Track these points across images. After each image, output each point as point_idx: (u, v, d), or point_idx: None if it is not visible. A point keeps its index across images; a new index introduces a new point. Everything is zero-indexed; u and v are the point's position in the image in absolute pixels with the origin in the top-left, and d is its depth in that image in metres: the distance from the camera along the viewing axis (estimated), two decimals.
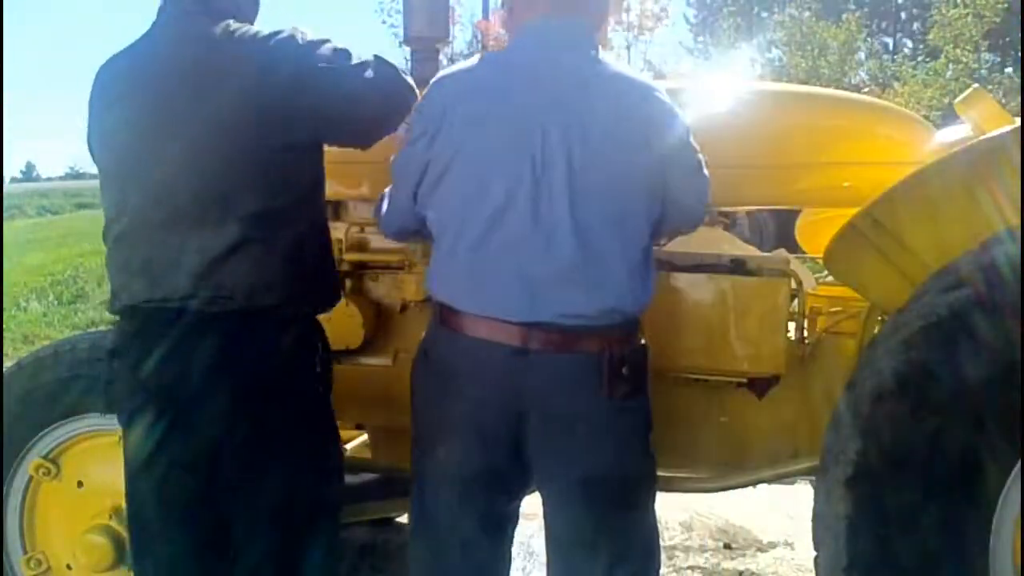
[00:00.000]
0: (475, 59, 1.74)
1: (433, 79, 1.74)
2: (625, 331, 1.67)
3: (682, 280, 2.27)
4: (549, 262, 1.60)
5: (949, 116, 3.89)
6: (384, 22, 23.44)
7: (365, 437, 2.77)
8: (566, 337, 1.62)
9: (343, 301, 2.45)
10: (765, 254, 2.50)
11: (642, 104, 1.67)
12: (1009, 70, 19.69)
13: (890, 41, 28.55)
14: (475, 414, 1.67)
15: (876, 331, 2.11)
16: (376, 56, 1.85)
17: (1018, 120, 1.89)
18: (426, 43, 2.30)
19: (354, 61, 1.78)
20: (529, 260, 1.60)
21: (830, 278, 2.54)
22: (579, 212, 1.59)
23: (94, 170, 1.92)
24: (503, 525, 1.82)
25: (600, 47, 1.72)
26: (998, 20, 17.32)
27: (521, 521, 1.87)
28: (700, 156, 1.75)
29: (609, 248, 1.62)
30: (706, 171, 1.76)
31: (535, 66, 1.66)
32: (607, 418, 1.65)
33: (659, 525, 1.85)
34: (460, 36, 22.34)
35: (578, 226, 1.59)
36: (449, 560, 1.76)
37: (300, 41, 1.73)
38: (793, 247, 3.02)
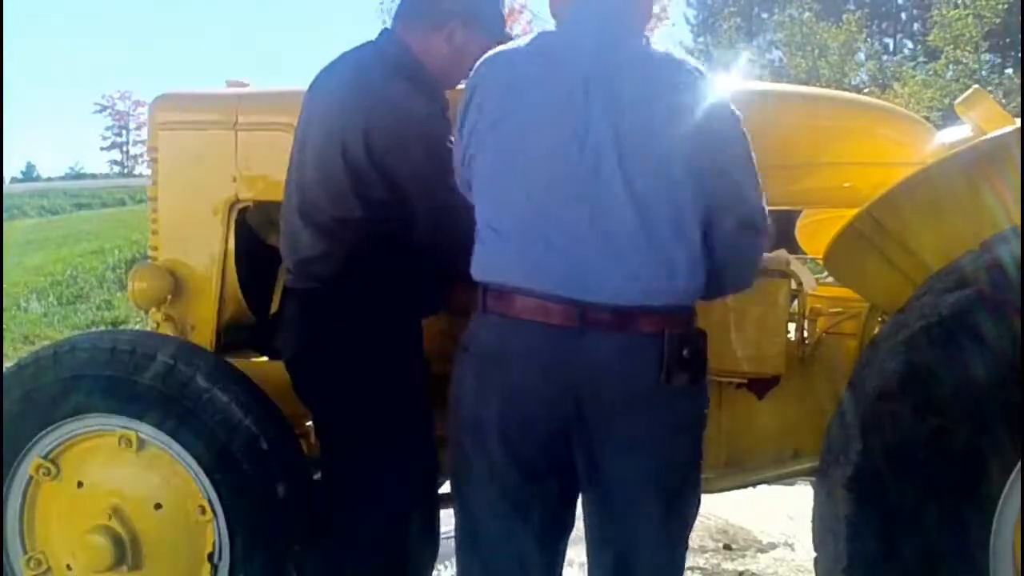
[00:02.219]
0: (530, 35, 1.72)
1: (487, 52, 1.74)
2: (682, 314, 1.61)
3: None
4: (603, 239, 1.54)
5: (949, 117, 3.89)
6: (384, 22, 23.42)
7: None
8: (621, 316, 1.55)
9: None
10: (765, 254, 2.49)
11: (689, 86, 1.60)
12: (1009, 71, 19.65)
13: (890, 42, 28.50)
14: (524, 400, 1.58)
15: (876, 331, 2.10)
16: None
17: (1018, 120, 1.89)
18: None
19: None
20: (581, 237, 1.55)
21: (830, 278, 2.54)
22: (633, 187, 1.54)
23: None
24: (559, 532, 1.73)
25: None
26: (998, 21, 17.28)
27: None
28: (752, 154, 1.65)
29: (663, 227, 1.56)
30: (757, 173, 1.65)
31: (582, 40, 1.64)
32: (665, 403, 1.59)
33: None
34: None
35: (635, 202, 1.54)
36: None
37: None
38: (793, 247, 3.02)
